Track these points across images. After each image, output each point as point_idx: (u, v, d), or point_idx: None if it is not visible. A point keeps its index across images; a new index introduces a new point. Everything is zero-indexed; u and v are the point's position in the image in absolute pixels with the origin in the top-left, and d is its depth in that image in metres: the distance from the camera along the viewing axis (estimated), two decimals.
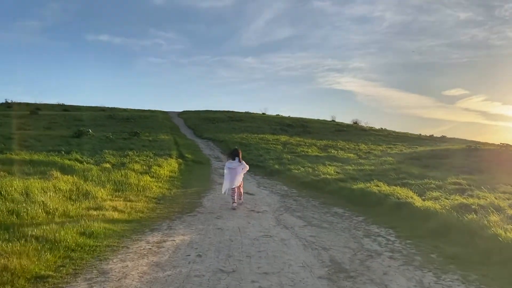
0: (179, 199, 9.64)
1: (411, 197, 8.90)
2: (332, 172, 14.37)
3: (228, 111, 54.47)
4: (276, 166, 16.20)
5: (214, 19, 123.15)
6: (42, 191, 7.79)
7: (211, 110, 56.04)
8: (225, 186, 9.19)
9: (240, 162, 9.23)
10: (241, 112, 53.89)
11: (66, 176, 10.06)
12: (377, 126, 45.51)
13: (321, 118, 51.62)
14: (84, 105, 55.25)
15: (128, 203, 8.28)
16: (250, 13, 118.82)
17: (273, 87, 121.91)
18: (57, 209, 6.84)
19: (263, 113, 53.39)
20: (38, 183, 8.28)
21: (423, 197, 9.44)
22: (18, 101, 53.12)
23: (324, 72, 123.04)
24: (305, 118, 49.80)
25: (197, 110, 56.67)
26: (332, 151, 22.41)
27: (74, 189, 8.61)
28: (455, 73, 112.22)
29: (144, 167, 13.22)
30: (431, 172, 14.79)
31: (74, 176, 10.22)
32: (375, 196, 9.58)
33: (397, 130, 43.17)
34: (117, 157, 15.36)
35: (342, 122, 48.35)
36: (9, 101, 52.72)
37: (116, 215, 7.03)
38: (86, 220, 6.33)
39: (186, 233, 6.43)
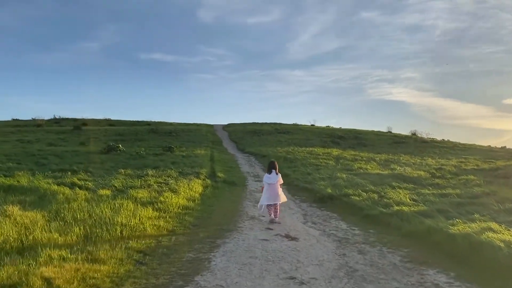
0: (178, 252, 6.19)
1: None
2: (407, 199, 10.47)
3: (275, 123, 51.16)
4: (329, 190, 12.46)
5: (262, 34, 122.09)
6: None
7: (258, 123, 52.95)
8: (262, 202, 9.00)
9: (277, 174, 9.07)
10: (289, 124, 50.35)
11: (29, 212, 7.11)
12: (435, 137, 39.84)
13: (375, 129, 46.65)
14: (131, 119, 53.84)
15: (85, 267, 4.98)
16: (297, 27, 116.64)
17: (322, 99, 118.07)
18: None
19: (312, 125, 49.43)
20: None
21: None
22: (66, 117, 53.12)
23: (374, 83, 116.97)
24: (358, 130, 45.18)
25: (243, 122, 53.78)
26: (397, 168, 18.24)
27: (13, 239, 5.54)
28: None
29: (153, 194, 9.99)
30: None
31: (41, 211, 7.23)
32: (502, 254, 5.63)
33: (461, 142, 37.46)
34: (129, 179, 12.39)
35: (399, 134, 43.21)
36: (58, 117, 52.84)
37: None
38: None
39: None
